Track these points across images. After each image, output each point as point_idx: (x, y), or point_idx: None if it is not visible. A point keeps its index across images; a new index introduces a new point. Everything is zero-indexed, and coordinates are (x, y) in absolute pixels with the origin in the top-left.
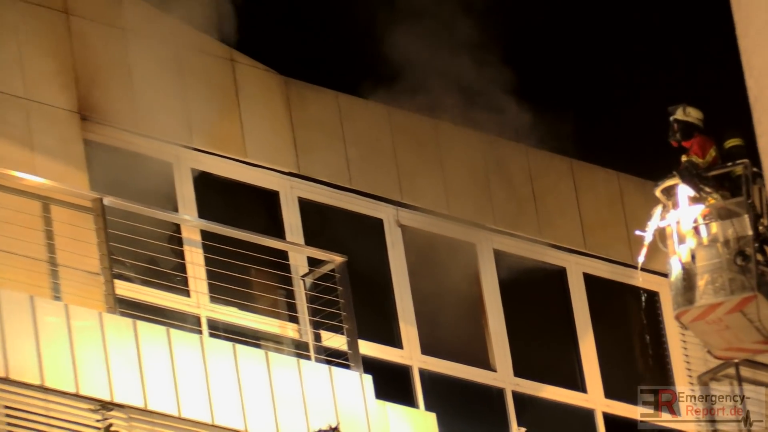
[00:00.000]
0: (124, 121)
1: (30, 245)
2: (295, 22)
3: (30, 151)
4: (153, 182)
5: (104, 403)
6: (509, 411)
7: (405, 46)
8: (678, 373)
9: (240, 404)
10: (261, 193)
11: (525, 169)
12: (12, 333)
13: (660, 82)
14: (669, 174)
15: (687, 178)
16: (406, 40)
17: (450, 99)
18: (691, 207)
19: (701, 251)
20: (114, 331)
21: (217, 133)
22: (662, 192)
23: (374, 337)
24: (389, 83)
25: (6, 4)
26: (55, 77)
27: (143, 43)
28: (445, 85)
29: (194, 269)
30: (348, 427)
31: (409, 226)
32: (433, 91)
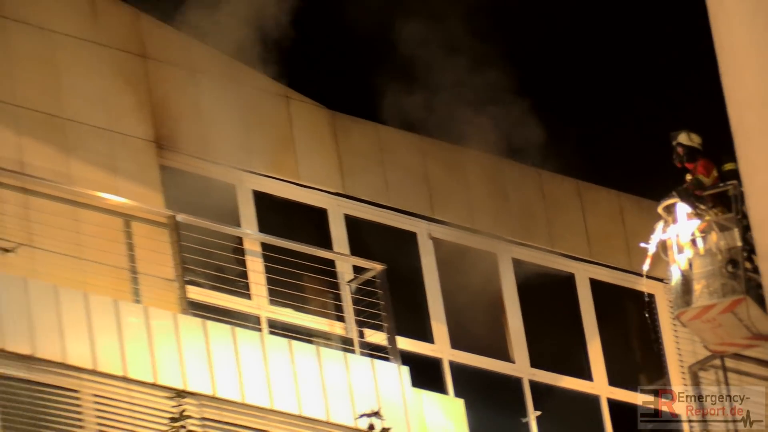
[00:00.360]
0: (194, 149)
1: (114, 256)
2: (339, 64)
3: (113, 175)
4: (219, 201)
5: (178, 391)
6: (526, 397)
7: (432, 83)
8: (671, 364)
9: (295, 392)
10: (312, 211)
11: (538, 188)
12: (99, 331)
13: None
14: (669, 194)
15: (684, 198)
16: (433, 79)
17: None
18: (689, 222)
19: (697, 260)
20: (186, 330)
21: (274, 159)
22: (663, 209)
23: (410, 333)
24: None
25: (92, 49)
26: (134, 111)
27: (210, 82)
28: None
29: (255, 276)
30: (388, 411)
31: (439, 239)
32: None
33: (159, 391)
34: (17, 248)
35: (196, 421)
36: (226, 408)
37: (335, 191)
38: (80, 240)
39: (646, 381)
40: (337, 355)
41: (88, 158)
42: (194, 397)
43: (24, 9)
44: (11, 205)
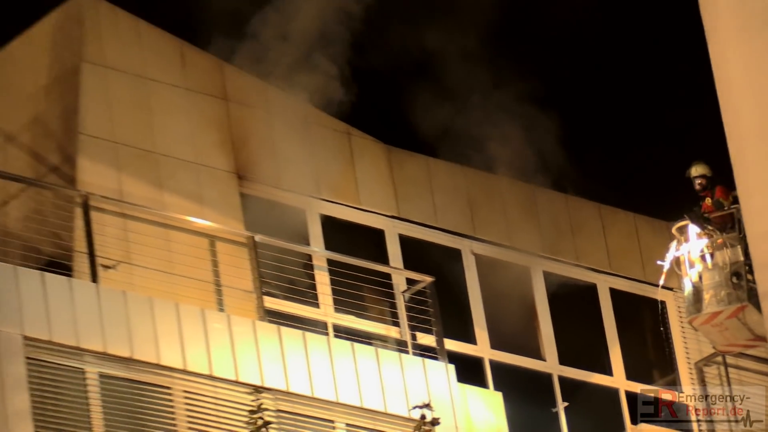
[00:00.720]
0: (269, 179)
1: (201, 271)
2: (394, 106)
3: (200, 201)
4: (291, 224)
5: (256, 387)
6: (556, 390)
7: (473, 121)
8: (680, 361)
9: (357, 387)
10: (371, 231)
11: (565, 211)
12: (188, 336)
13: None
14: (681, 217)
15: (695, 220)
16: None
17: (509, 160)
18: (699, 241)
19: (706, 273)
20: (263, 334)
21: (338, 186)
22: (676, 230)
23: (455, 336)
24: (463, 148)
25: (181, 94)
26: (218, 147)
27: (283, 121)
28: (506, 150)
29: (322, 287)
30: (437, 404)
31: (480, 254)
32: (496, 154)
33: (240, 387)
34: (117, 265)
35: (272, 413)
36: (297, 401)
37: (391, 214)
38: (171, 258)
39: (659, 375)
40: (393, 355)
41: (178, 187)
42: (270, 392)
43: (123, 59)
44: (112, 228)
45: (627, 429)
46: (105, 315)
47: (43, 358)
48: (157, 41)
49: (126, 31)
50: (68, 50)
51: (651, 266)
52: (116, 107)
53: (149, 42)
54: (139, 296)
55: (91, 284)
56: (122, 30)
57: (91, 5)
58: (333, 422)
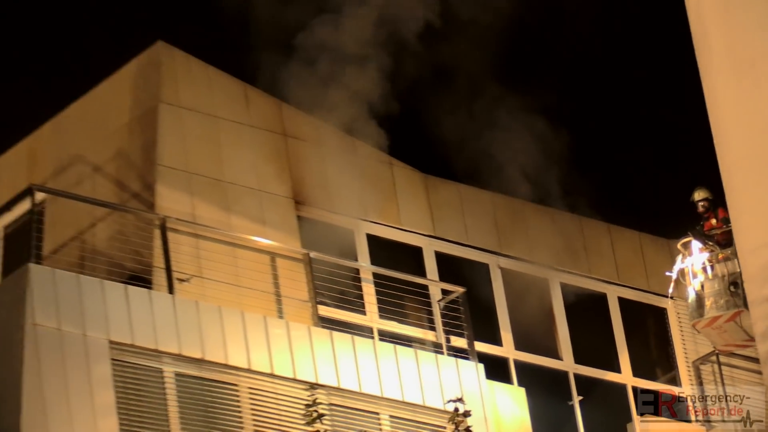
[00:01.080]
0: (322, 203)
1: (263, 284)
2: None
3: (262, 223)
4: (341, 242)
5: (312, 384)
6: (571, 386)
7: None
8: (679, 360)
9: (399, 383)
10: (410, 248)
11: (579, 230)
12: (252, 340)
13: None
14: (685, 234)
15: (697, 237)
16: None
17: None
18: (701, 255)
19: (707, 283)
20: (317, 338)
21: (381, 209)
22: (681, 245)
23: (484, 338)
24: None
25: (245, 130)
26: (277, 176)
27: (334, 153)
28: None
29: (368, 297)
30: (468, 398)
31: (505, 268)
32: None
33: (297, 384)
34: (191, 279)
35: (325, 406)
36: (347, 396)
37: (428, 233)
38: (237, 272)
39: (661, 373)
40: (430, 356)
41: (243, 211)
42: (324, 388)
43: (195, 100)
44: (186, 247)
45: (634, 419)
46: (180, 322)
47: (126, 359)
48: (224, 84)
49: (198, 75)
50: (147, 92)
51: (654, 278)
52: (189, 142)
53: (218, 85)
54: (210, 305)
55: (167, 295)
56: (194, 75)
57: (168, 53)
58: (378, 414)
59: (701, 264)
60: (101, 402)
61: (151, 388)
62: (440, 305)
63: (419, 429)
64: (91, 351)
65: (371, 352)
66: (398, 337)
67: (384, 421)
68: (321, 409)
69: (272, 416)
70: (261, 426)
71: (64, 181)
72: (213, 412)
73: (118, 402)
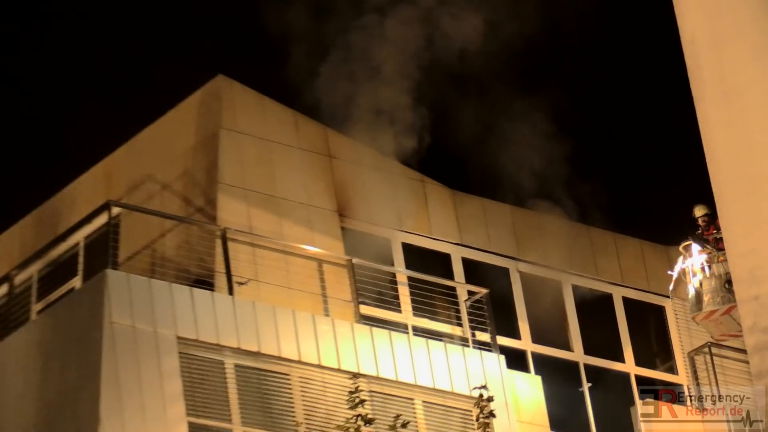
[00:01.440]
0: (362, 216)
1: (311, 286)
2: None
3: (311, 233)
4: (379, 250)
5: (354, 373)
6: (581, 374)
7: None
8: (676, 351)
9: (430, 372)
10: (440, 255)
11: (588, 238)
12: (302, 335)
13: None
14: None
15: (697, 241)
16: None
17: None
18: (700, 256)
19: (706, 281)
20: (359, 333)
21: (415, 221)
22: (683, 248)
23: (505, 333)
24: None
25: (295, 152)
26: (324, 192)
27: (373, 172)
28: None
29: (404, 298)
30: (491, 385)
31: (523, 272)
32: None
33: (341, 373)
34: (248, 282)
35: (366, 393)
36: (385, 384)
37: (455, 242)
38: (289, 276)
39: (660, 363)
40: (458, 348)
41: (293, 223)
42: (365, 377)
43: (251, 126)
44: (244, 254)
45: (636, 403)
46: (239, 319)
47: (192, 352)
48: (276, 112)
49: (253, 104)
50: (210, 120)
51: (654, 280)
52: (246, 162)
53: (271, 113)
54: (265, 305)
55: (228, 296)
56: (250, 104)
57: (227, 85)
58: (413, 400)
59: (700, 264)
60: (170, 391)
61: (214, 378)
62: (466, 304)
63: (448, 412)
64: (161, 345)
65: (406, 345)
66: (430, 332)
67: (417, 405)
68: (362, 395)
69: (320, 402)
70: (310, 410)
71: (137, 197)
72: (268, 398)
73: (185, 390)
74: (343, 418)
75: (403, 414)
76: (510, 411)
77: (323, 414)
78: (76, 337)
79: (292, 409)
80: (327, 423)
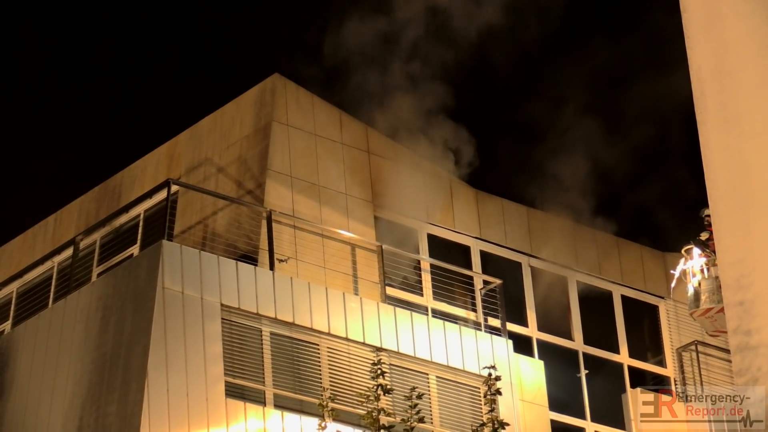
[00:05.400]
0: (393, 207)
1: (344, 267)
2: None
3: (347, 219)
4: (407, 238)
5: (377, 348)
6: (580, 361)
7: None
8: (666, 346)
9: (445, 351)
10: (461, 247)
11: (593, 241)
12: (333, 310)
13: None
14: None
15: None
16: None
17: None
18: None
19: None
20: (384, 312)
21: (441, 215)
22: (684, 251)
23: (514, 320)
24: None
25: (337, 146)
26: (361, 184)
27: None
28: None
29: (426, 283)
30: (499, 365)
31: (534, 267)
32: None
33: (366, 347)
34: (288, 260)
35: (387, 366)
36: (404, 359)
37: (475, 236)
38: (326, 257)
39: (651, 356)
40: (471, 331)
41: (332, 210)
42: (386, 351)
43: (300, 121)
44: (286, 235)
45: (627, 391)
46: (277, 293)
47: (233, 319)
48: (323, 110)
49: (303, 101)
50: (264, 113)
51: (651, 282)
52: (294, 153)
53: (318, 110)
54: (301, 281)
55: (269, 272)
56: (301, 101)
57: (281, 83)
58: (428, 375)
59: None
60: (211, 352)
61: (251, 344)
62: (481, 292)
63: (459, 388)
64: (206, 311)
65: (425, 325)
66: (447, 315)
67: (432, 380)
68: (383, 367)
69: (344, 371)
70: (336, 378)
71: (194, 178)
72: (298, 365)
73: (225, 353)
74: (365, 387)
75: (419, 387)
76: (514, 391)
77: (347, 382)
78: (131, 298)
79: (319, 376)
80: (350, 390)
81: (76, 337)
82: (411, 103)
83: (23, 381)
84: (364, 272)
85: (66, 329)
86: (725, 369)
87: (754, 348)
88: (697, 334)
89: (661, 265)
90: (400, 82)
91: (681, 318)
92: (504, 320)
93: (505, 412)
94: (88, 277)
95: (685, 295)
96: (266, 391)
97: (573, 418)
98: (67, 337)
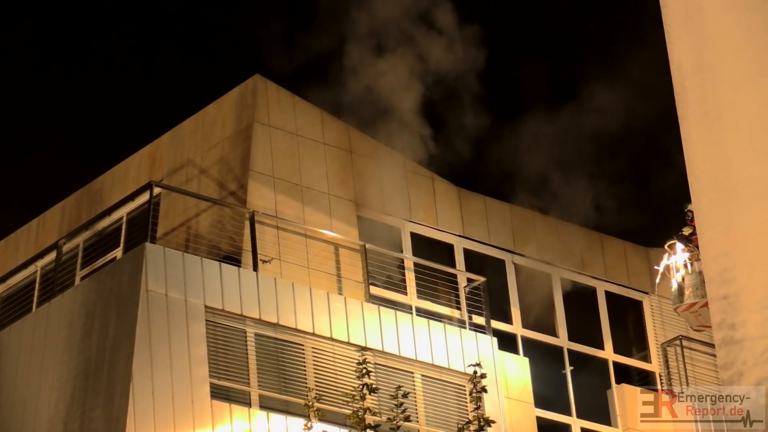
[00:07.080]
0: (376, 206)
1: (328, 267)
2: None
3: (330, 219)
4: (390, 238)
5: (362, 347)
6: (565, 358)
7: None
8: (650, 342)
9: (430, 350)
10: (444, 245)
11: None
12: (317, 310)
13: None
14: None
15: (680, 240)
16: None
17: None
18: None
19: (687, 276)
20: (368, 312)
21: (423, 213)
22: (668, 246)
23: (498, 318)
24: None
25: (319, 146)
26: (343, 184)
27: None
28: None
29: (409, 281)
30: (484, 363)
31: (518, 264)
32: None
33: (351, 347)
34: (271, 260)
35: (372, 365)
36: (389, 358)
37: (458, 234)
38: (309, 258)
39: (635, 351)
40: (455, 329)
41: (314, 210)
42: (371, 350)
43: (281, 121)
44: (269, 236)
45: (612, 387)
46: (261, 294)
47: (218, 321)
48: (305, 110)
49: (284, 102)
50: (245, 113)
51: (634, 278)
52: (276, 154)
53: (300, 110)
54: (285, 282)
55: (252, 272)
56: (282, 101)
57: (262, 84)
58: (413, 373)
59: (683, 261)
60: (196, 354)
61: (236, 345)
62: (465, 290)
63: (445, 386)
64: (190, 313)
65: (409, 324)
66: (431, 314)
67: (417, 378)
68: (368, 367)
69: (330, 371)
70: (321, 378)
71: (177, 180)
72: (284, 365)
73: (209, 354)
74: (350, 386)
75: (404, 386)
76: (499, 388)
77: (332, 382)
78: (115, 302)
79: (305, 376)
80: (335, 390)
81: (60, 341)
82: (394, 105)
83: (8, 385)
84: (348, 272)
85: (50, 333)
86: (710, 364)
87: (738, 342)
88: (682, 329)
89: (644, 260)
90: (381, 80)
91: (665, 313)
92: (488, 318)
93: (491, 410)
94: (72, 281)
95: (669, 291)
96: (251, 392)
97: (559, 415)
98: (51, 341)
